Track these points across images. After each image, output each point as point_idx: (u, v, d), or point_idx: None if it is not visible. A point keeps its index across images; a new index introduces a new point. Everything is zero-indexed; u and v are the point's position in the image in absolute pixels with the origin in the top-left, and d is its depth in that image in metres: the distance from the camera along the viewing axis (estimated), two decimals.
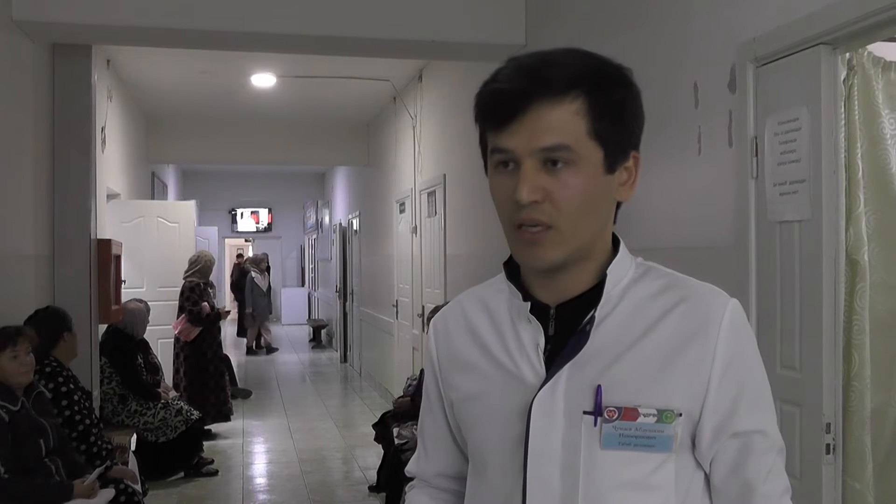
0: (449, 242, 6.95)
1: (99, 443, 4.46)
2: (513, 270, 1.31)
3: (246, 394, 10.04)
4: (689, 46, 3.30)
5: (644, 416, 1.18)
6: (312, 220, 18.74)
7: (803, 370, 2.64)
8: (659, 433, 1.18)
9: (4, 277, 4.56)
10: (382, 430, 5.95)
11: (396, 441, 5.26)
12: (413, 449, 4.77)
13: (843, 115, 2.70)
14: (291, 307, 20.54)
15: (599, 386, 1.18)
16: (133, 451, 5.54)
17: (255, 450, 7.76)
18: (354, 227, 12.46)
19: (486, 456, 1.29)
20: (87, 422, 4.45)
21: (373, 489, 6.12)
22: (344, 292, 13.51)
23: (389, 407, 6.90)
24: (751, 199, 2.87)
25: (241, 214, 20.19)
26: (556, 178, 1.16)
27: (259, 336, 15.36)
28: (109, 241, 6.15)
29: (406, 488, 1.52)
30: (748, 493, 1.22)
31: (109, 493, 3.84)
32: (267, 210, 20.29)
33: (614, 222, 1.28)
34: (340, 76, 8.06)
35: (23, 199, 4.91)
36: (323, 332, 16.55)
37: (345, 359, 13.54)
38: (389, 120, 9.59)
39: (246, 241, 21.88)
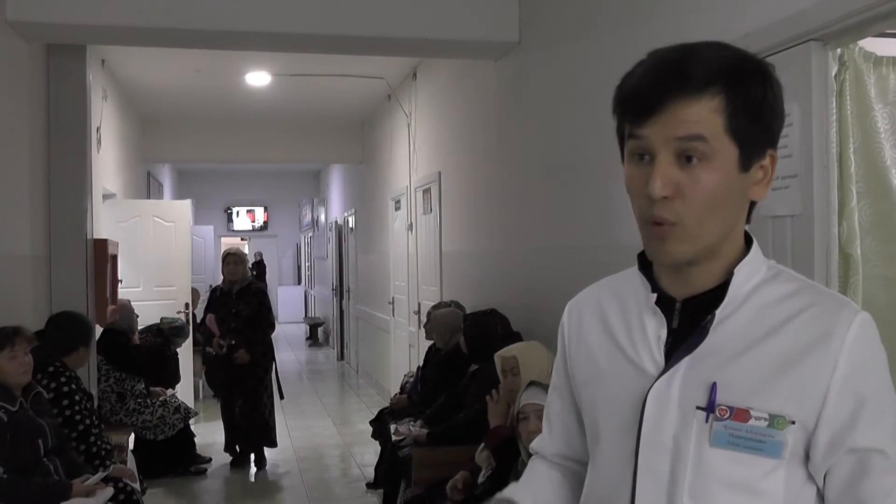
0: (444, 239, 6.96)
1: (98, 443, 4.47)
2: (645, 262, 1.31)
3: None
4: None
5: (755, 418, 1.17)
6: (308, 218, 18.75)
7: None
8: (769, 438, 1.17)
9: (1, 278, 4.57)
10: (380, 427, 5.97)
11: (394, 438, 5.28)
12: (410, 445, 4.80)
13: (834, 111, 2.72)
14: (288, 305, 20.53)
15: (714, 383, 1.19)
16: (131, 450, 5.56)
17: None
18: (350, 225, 12.46)
19: (600, 439, 1.32)
20: (88, 422, 4.46)
21: (370, 486, 6.14)
22: (340, 290, 13.52)
23: (386, 404, 6.92)
24: None
25: (237, 213, 20.19)
26: (690, 174, 1.16)
27: None
28: (106, 240, 6.16)
29: (529, 461, 1.57)
30: None
31: (108, 491, 3.85)
32: (262, 208, 20.29)
33: (748, 221, 1.27)
34: (335, 74, 8.07)
35: (19, 199, 4.91)
36: (319, 330, 16.56)
37: (341, 356, 13.55)
38: (384, 117, 9.60)
39: (242, 239, 21.86)
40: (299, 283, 21.15)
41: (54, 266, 5.51)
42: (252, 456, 6.88)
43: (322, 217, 16.42)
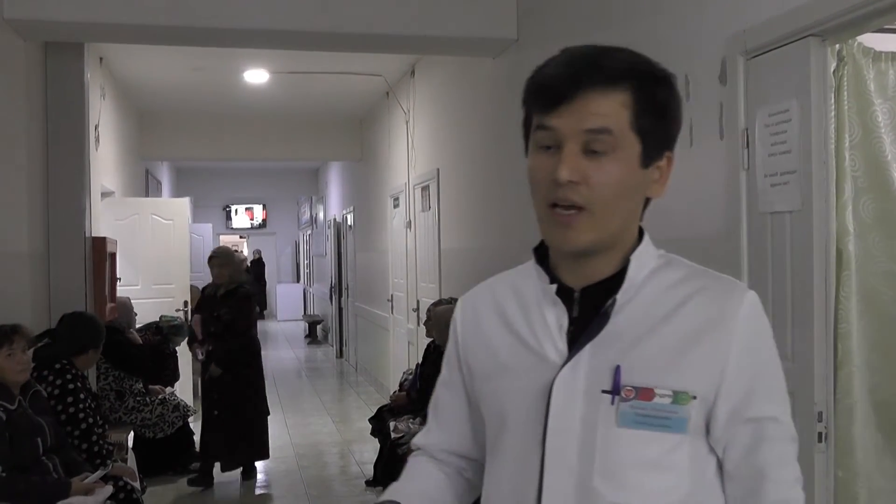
0: (443, 237, 6.96)
1: (101, 442, 4.46)
2: (541, 255, 1.36)
3: None
4: (680, 39, 3.31)
5: (660, 396, 1.22)
6: (307, 215, 18.75)
7: (795, 359, 2.66)
8: (674, 414, 1.22)
9: None
10: (379, 424, 5.97)
11: (393, 435, 5.28)
12: (409, 443, 4.80)
13: (833, 106, 2.72)
14: (287, 303, 20.54)
15: (618, 366, 1.23)
16: (131, 448, 5.56)
17: None
18: (349, 223, 12.46)
19: (505, 431, 1.33)
20: (91, 420, 4.45)
21: (370, 483, 6.14)
22: (339, 288, 13.51)
23: (385, 401, 6.92)
24: (742, 190, 2.89)
25: (236, 211, 20.20)
26: (596, 164, 1.21)
27: None
28: (104, 238, 6.16)
29: (409, 457, 1.55)
30: (760, 479, 1.25)
31: (107, 489, 3.84)
32: (261, 206, 20.29)
33: (641, 218, 1.33)
34: (333, 71, 8.06)
35: (17, 198, 4.91)
36: (318, 327, 16.56)
37: (340, 354, 13.56)
38: (382, 115, 9.59)
39: (241, 237, 21.87)
40: (298, 280, 21.15)
41: (53, 264, 5.50)
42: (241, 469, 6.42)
43: (321, 215, 16.42)
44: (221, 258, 6.30)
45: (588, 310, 1.28)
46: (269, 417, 6.61)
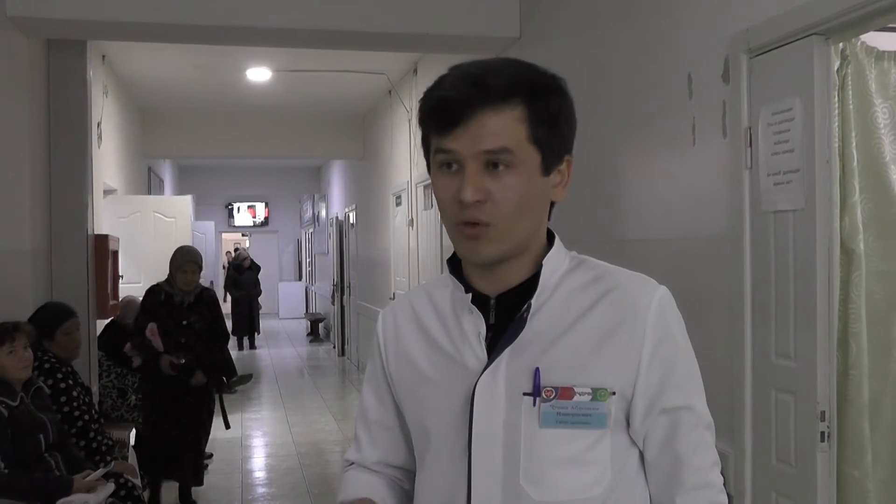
0: (445, 235, 6.94)
1: (99, 438, 4.46)
2: (456, 265, 1.38)
3: (246, 378, 10.05)
4: (684, 37, 3.30)
5: (579, 394, 1.25)
6: (309, 213, 18.76)
7: (798, 359, 2.66)
8: (594, 410, 1.26)
9: (1, 274, 4.56)
10: None
11: None
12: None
13: (836, 105, 2.72)
14: (289, 301, 20.55)
15: (537, 368, 1.26)
16: (132, 446, 5.55)
17: (253, 443, 7.79)
18: (351, 221, 12.46)
19: (431, 441, 1.35)
20: (87, 417, 4.45)
21: None
22: (341, 286, 13.51)
23: None
24: (745, 189, 2.88)
25: (238, 209, 20.21)
26: (497, 180, 1.24)
27: None
28: (106, 236, 6.16)
29: (343, 473, 1.54)
30: (678, 466, 1.30)
31: (109, 487, 3.85)
32: (263, 204, 20.31)
33: (549, 219, 1.36)
34: (335, 70, 8.06)
35: (19, 195, 4.90)
36: (320, 325, 16.57)
37: (342, 352, 13.56)
38: (385, 113, 9.59)
39: (243, 235, 21.89)
40: (300, 278, 21.16)
41: (55, 261, 5.50)
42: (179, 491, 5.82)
43: (323, 213, 16.43)
44: (196, 265, 5.65)
45: (504, 316, 1.31)
46: (269, 415, 6.61)
